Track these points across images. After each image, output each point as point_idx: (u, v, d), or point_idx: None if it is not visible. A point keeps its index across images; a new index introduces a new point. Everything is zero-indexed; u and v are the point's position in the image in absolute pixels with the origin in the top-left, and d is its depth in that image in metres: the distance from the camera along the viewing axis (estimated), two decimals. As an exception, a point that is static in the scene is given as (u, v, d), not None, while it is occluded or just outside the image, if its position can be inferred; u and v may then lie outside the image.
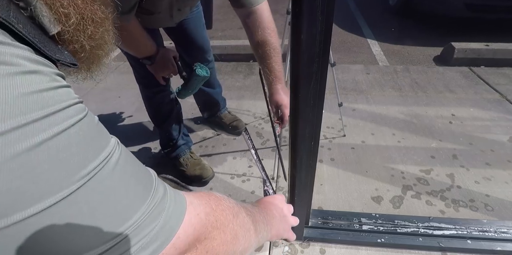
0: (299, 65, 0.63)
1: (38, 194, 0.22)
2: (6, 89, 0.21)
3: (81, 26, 0.33)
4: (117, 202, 0.27)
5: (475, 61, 2.61)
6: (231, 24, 3.70)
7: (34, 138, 0.22)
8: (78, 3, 0.32)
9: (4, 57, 0.22)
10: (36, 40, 0.26)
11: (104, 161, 0.27)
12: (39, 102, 0.23)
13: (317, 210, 1.29)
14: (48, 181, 0.23)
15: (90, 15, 0.34)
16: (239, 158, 1.69)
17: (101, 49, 0.38)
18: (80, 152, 0.25)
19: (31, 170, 0.22)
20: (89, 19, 0.33)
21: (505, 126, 1.83)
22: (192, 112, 2.05)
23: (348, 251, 1.16)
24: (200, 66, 1.21)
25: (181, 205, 0.35)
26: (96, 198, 0.26)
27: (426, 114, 1.97)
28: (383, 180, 1.49)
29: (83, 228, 0.25)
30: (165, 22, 1.21)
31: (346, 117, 1.92)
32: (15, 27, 0.24)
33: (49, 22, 0.29)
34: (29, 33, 0.26)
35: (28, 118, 0.22)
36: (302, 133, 0.77)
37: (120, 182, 0.28)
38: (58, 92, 0.25)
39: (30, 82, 0.22)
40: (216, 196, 0.43)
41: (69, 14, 0.31)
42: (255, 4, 1.00)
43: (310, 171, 0.90)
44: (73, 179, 0.24)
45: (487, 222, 1.18)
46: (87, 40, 0.35)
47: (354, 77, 2.45)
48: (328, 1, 0.53)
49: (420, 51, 3.08)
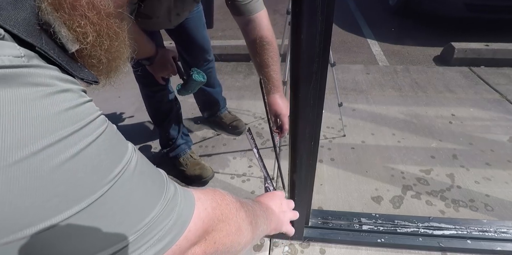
0: (299, 65, 0.63)
1: (77, 196, 0.26)
2: (47, 108, 0.24)
3: (98, 42, 0.36)
4: (137, 201, 0.31)
5: (475, 61, 2.61)
6: (231, 24, 3.69)
7: (72, 148, 0.25)
8: (94, 21, 0.34)
9: (42, 79, 0.25)
10: (64, 62, 0.30)
11: (126, 164, 0.31)
12: (73, 117, 0.26)
13: (317, 210, 1.29)
14: (84, 185, 0.26)
15: (106, 31, 0.36)
16: (239, 158, 1.69)
17: (118, 60, 0.42)
18: (107, 158, 0.29)
19: (72, 176, 0.25)
20: (105, 35, 0.36)
21: (505, 126, 1.83)
22: (192, 112, 2.05)
23: (348, 251, 1.16)
24: (197, 72, 1.22)
25: (190, 201, 0.38)
26: (121, 198, 0.29)
27: (426, 114, 1.97)
28: (383, 180, 1.49)
29: (111, 225, 0.28)
30: (163, 26, 1.21)
31: (346, 117, 1.91)
32: (48, 54, 0.28)
33: (68, 41, 0.32)
34: (58, 56, 0.29)
35: (67, 132, 0.25)
36: (302, 132, 0.77)
37: (139, 183, 0.32)
38: (86, 107, 0.29)
39: (64, 100, 0.26)
40: (220, 192, 0.47)
41: (86, 32, 0.34)
42: (254, 12, 1.00)
43: (310, 171, 0.90)
44: (103, 182, 0.28)
45: (487, 222, 1.17)
46: (104, 54, 0.38)
47: (354, 77, 2.45)
48: (328, 1, 0.53)
49: (420, 51, 3.08)
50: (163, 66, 1.17)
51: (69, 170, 0.25)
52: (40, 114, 0.24)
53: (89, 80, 0.34)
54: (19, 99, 0.23)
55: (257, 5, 0.99)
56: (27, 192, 0.23)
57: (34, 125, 0.23)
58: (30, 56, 0.26)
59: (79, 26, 0.33)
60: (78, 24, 0.33)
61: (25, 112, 0.23)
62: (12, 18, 0.26)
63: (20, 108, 0.23)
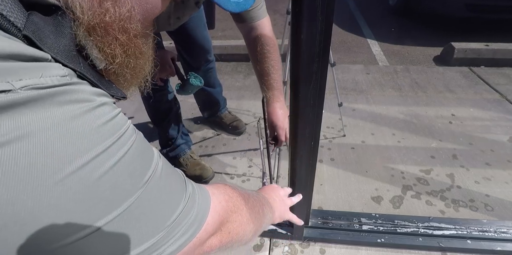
0: (299, 65, 0.63)
1: (119, 200, 0.29)
2: (90, 123, 0.27)
3: (125, 62, 0.39)
4: (165, 201, 0.34)
5: (475, 61, 2.61)
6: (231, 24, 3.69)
7: (113, 157, 0.28)
8: (124, 42, 0.37)
9: (83, 95, 0.28)
10: (98, 82, 0.32)
11: (154, 169, 0.34)
12: (111, 129, 0.29)
13: (317, 210, 1.29)
14: (124, 189, 0.29)
15: (133, 50, 0.39)
16: (239, 158, 1.69)
17: (141, 76, 0.45)
18: (141, 163, 0.32)
19: (114, 182, 0.28)
20: (132, 55, 0.39)
21: (505, 126, 1.83)
22: (192, 112, 2.05)
23: (348, 251, 1.16)
24: (194, 76, 1.22)
25: (206, 197, 0.42)
26: (152, 199, 0.32)
27: (426, 114, 1.97)
28: (383, 180, 1.49)
29: (145, 223, 0.31)
30: (164, 28, 1.21)
31: (346, 117, 1.91)
32: (87, 77, 0.31)
33: (97, 60, 0.35)
34: (93, 77, 0.32)
35: (108, 143, 0.28)
36: (302, 133, 0.77)
37: (165, 185, 0.35)
38: (119, 118, 0.31)
39: (103, 113, 0.29)
40: (229, 186, 0.52)
41: (115, 54, 0.37)
42: (256, 19, 0.98)
43: (310, 171, 0.90)
44: (138, 186, 0.31)
45: (487, 222, 1.17)
46: (130, 71, 0.41)
47: (354, 77, 2.45)
48: (328, 1, 0.53)
49: (420, 51, 3.08)
50: (162, 67, 1.16)
51: (111, 177, 0.28)
52: (86, 129, 0.27)
53: (118, 96, 0.37)
54: (68, 116, 0.26)
55: (260, 12, 0.98)
56: (81, 199, 0.26)
57: (81, 139, 0.26)
58: (72, 74, 0.29)
59: (109, 47, 0.36)
60: (108, 46, 0.36)
61: (74, 127, 0.26)
62: (55, 46, 0.29)
63: (69, 124, 0.26)
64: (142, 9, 0.38)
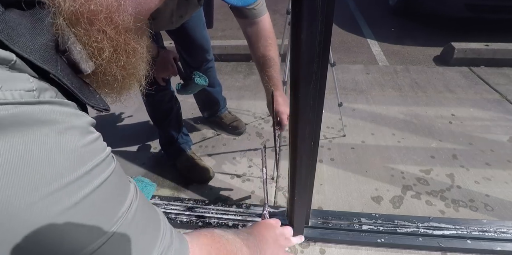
0: (299, 65, 0.63)
1: (86, 239, 0.26)
2: (57, 148, 0.24)
3: (114, 58, 0.35)
4: (138, 243, 0.31)
5: (475, 61, 2.61)
6: (231, 24, 3.69)
7: (77, 195, 0.25)
8: (112, 36, 0.34)
9: (52, 115, 0.25)
10: (76, 89, 0.30)
11: (128, 208, 0.31)
12: (82, 157, 0.26)
13: (317, 210, 1.29)
14: (92, 228, 0.27)
15: (123, 46, 0.36)
16: (239, 158, 1.69)
17: (133, 77, 0.41)
18: (113, 200, 0.29)
19: (88, 213, 0.26)
20: (122, 51, 0.36)
21: (505, 126, 1.83)
22: (192, 112, 2.05)
23: (348, 251, 1.16)
24: (199, 75, 1.22)
25: (185, 247, 0.39)
26: (123, 242, 0.29)
27: (426, 114, 1.97)
28: (383, 180, 1.49)
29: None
30: (166, 27, 1.21)
31: (346, 117, 1.91)
32: (62, 81, 0.28)
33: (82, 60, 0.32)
34: (71, 83, 0.29)
35: (73, 177, 0.25)
36: (302, 133, 0.77)
37: (140, 226, 0.32)
38: (97, 144, 0.29)
39: (72, 139, 0.26)
40: (215, 234, 0.47)
41: (103, 48, 0.33)
42: (258, 16, 1.03)
43: (310, 171, 0.90)
44: (108, 226, 0.28)
45: (487, 222, 1.18)
46: (120, 71, 0.37)
47: (354, 77, 2.45)
48: (328, 1, 0.53)
49: (420, 51, 3.08)
50: (163, 67, 1.17)
51: (85, 207, 0.25)
52: (50, 156, 0.24)
53: (99, 108, 0.34)
54: (30, 140, 0.22)
55: (261, 9, 1.02)
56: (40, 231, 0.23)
57: (43, 170, 0.23)
58: (42, 89, 0.25)
59: (96, 41, 0.33)
60: (94, 39, 0.32)
61: (37, 153, 0.23)
62: (29, 45, 0.26)
63: (32, 149, 0.23)
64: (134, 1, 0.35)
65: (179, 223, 1.25)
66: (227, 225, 1.22)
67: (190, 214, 1.27)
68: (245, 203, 1.32)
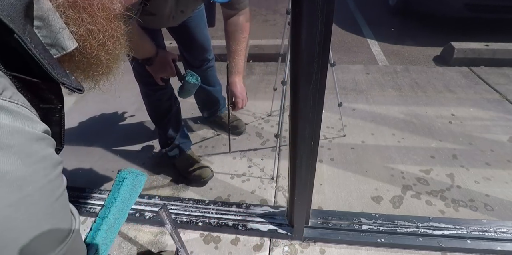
0: (299, 65, 0.63)
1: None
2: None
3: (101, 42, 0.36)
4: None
5: (475, 61, 2.61)
6: (231, 24, 3.69)
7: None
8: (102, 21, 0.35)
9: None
10: (45, 61, 0.29)
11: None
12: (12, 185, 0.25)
13: (317, 210, 1.29)
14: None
15: (111, 32, 0.37)
16: (239, 158, 1.69)
17: (115, 62, 0.42)
18: (63, 218, 0.30)
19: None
20: (109, 36, 0.37)
21: (505, 126, 1.83)
22: (192, 112, 2.05)
23: (348, 251, 1.16)
24: (190, 74, 1.23)
25: None
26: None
27: (426, 114, 1.97)
28: (383, 180, 1.49)
29: None
30: (167, 24, 1.21)
31: (346, 117, 1.91)
32: (27, 46, 0.27)
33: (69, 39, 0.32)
34: (39, 53, 0.28)
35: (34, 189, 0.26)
36: (302, 133, 0.77)
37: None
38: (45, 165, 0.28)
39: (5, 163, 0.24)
40: None
41: (92, 31, 0.35)
42: (243, 7, 1.16)
43: (310, 171, 0.91)
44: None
45: (487, 222, 1.18)
46: (105, 55, 0.38)
47: (354, 77, 2.45)
48: (328, 1, 0.53)
49: (420, 51, 3.08)
50: (162, 68, 1.18)
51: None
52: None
53: (71, 87, 0.34)
54: None
55: (246, 3, 1.15)
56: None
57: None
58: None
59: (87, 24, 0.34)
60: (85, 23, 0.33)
61: None
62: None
63: None
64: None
65: (179, 223, 1.25)
66: (227, 225, 1.22)
67: (190, 214, 1.27)
68: (245, 203, 1.32)
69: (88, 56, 0.36)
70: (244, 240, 1.22)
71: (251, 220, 1.23)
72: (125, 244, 1.24)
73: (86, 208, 1.34)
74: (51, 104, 0.35)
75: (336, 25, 3.65)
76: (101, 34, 0.36)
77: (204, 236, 1.25)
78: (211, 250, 1.19)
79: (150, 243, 1.24)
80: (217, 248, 1.20)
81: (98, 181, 1.56)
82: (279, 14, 3.88)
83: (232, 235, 1.24)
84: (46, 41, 0.31)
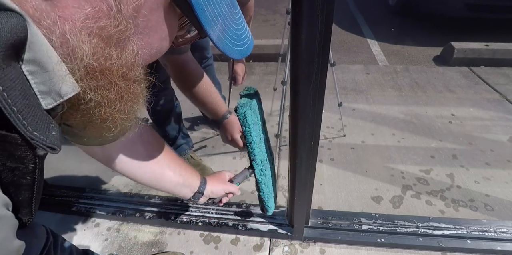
0: (299, 65, 0.63)
1: None
2: None
3: (119, 109, 0.36)
4: None
5: (475, 61, 2.61)
6: (231, 24, 3.69)
7: None
8: (122, 86, 0.34)
9: None
10: (16, 110, 0.25)
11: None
12: None
13: (317, 210, 1.29)
14: None
15: (129, 95, 0.36)
16: (239, 158, 1.69)
17: (129, 121, 0.41)
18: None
19: None
20: (127, 98, 0.36)
21: (505, 126, 1.83)
22: (192, 112, 2.05)
23: (348, 251, 1.16)
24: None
25: None
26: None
27: (426, 114, 1.97)
28: (383, 180, 1.49)
29: None
30: None
31: (346, 117, 1.92)
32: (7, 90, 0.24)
33: (71, 88, 0.29)
34: (11, 98, 0.24)
35: None
36: (302, 133, 0.77)
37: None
38: None
39: None
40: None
41: (111, 97, 0.33)
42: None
43: (310, 171, 0.90)
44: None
45: (487, 222, 1.18)
46: (120, 115, 0.37)
47: (354, 77, 2.45)
48: (328, 1, 0.53)
49: (420, 51, 3.08)
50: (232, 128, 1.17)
51: None
52: None
53: (41, 143, 0.28)
54: None
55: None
56: None
57: None
58: None
59: (104, 89, 0.32)
60: (103, 88, 0.32)
61: None
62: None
63: None
64: (146, 54, 0.36)
65: (179, 223, 1.25)
66: (227, 225, 1.22)
67: (190, 214, 1.27)
68: (245, 203, 1.32)
69: (101, 117, 0.35)
70: (244, 240, 1.23)
71: (251, 220, 1.23)
72: (125, 244, 1.24)
73: (86, 208, 1.34)
74: (20, 163, 0.29)
75: (336, 25, 3.65)
76: (118, 101, 0.35)
77: (204, 236, 1.25)
78: (211, 250, 1.19)
79: (150, 243, 1.24)
80: (217, 248, 1.20)
81: (98, 181, 1.56)
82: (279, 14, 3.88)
83: (232, 235, 1.24)
84: (40, 88, 0.28)
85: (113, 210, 1.31)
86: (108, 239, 1.26)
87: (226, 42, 0.47)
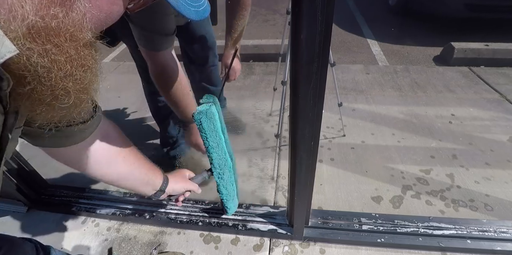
0: (299, 65, 0.63)
1: None
2: None
3: (69, 72, 0.33)
4: None
5: (475, 61, 2.61)
6: (231, 24, 3.69)
7: None
8: (69, 51, 0.32)
9: None
10: None
11: None
12: None
13: (317, 210, 1.29)
14: None
15: (81, 61, 0.34)
16: (239, 158, 1.69)
17: (86, 93, 0.38)
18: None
19: None
20: (78, 65, 0.34)
21: (505, 126, 1.83)
22: (192, 112, 2.05)
23: (348, 251, 1.16)
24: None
25: None
26: None
27: (426, 114, 1.97)
28: (383, 180, 1.49)
29: None
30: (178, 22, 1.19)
31: (346, 117, 1.92)
32: None
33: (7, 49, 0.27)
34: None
35: None
36: (302, 132, 0.77)
37: None
38: None
39: None
40: None
41: (58, 61, 0.31)
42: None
43: (310, 171, 0.90)
44: None
45: (487, 222, 1.18)
46: (73, 85, 0.35)
47: (354, 77, 2.45)
48: (328, 1, 0.53)
49: (420, 51, 3.08)
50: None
51: None
52: None
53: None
54: None
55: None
56: None
57: None
58: None
59: (52, 54, 0.31)
60: (50, 53, 0.31)
61: None
62: None
63: None
64: (95, 17, 0.35)
65: (179, 223, 1.25)
66: (227, 225, 1.22)
67: (190, 214, 1.27)
68: (245, 203, 1.32)
69: (52, 88, 0.33)
70: (244, 240, 1.23)
71: (251, 220, 1.23)
72: (125, 244, 1.24)
73: (86, 208, 1.34)
74: None
75: (336, 25, 3.65)
76: (68, 64, 0.33)
77: (204, 236, 1.25)
78: (211, 250, 1.20)
79: (150, 243, 1.24)
80: (217, 248, 1.20)
81: (98, 181, 1.56)
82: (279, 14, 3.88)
83: (232, 235, 1.24)
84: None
85: (113, 210, 1.31)
86: (108, 239, 1.26)
87: (181, 2, 0.48)
